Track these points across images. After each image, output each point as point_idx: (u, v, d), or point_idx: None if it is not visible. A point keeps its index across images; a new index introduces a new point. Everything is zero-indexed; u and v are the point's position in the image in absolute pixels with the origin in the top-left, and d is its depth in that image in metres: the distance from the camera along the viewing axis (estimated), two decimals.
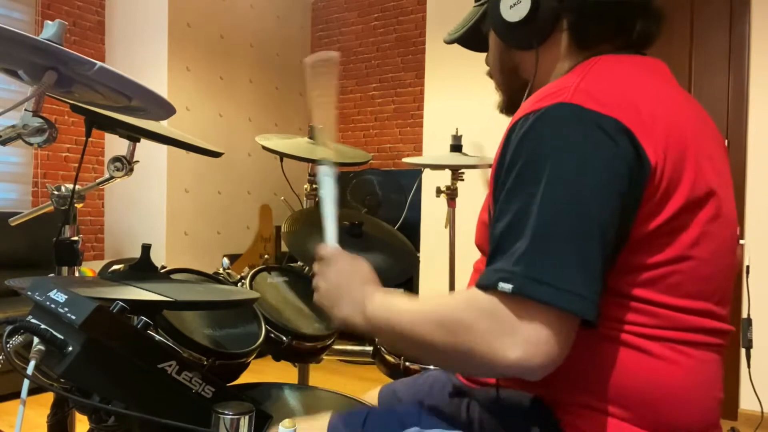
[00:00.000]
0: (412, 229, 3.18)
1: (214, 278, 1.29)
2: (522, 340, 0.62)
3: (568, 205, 0.64)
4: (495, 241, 0.68)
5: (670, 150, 0.68)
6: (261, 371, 1.41)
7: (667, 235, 0.69)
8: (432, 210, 3.48)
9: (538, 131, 0.67)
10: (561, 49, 0.82)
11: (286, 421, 0.72)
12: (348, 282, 0.85)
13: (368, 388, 1.14)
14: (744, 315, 2.40)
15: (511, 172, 0.68)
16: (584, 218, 0.64)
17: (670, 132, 0.69)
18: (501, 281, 0.63)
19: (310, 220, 1.63)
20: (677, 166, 0.68)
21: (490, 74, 0.96)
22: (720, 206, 0.73)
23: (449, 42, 1.00)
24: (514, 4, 0.81)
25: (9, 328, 0.67)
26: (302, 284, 1.49)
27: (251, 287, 1.34)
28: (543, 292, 0.62)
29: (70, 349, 0.65)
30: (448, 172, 2.16)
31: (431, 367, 1.29)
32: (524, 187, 0.66)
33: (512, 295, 0.63)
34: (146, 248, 1.02)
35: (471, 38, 0.97)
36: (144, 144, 1.21)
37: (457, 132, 2.11)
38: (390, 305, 0.77)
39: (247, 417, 0.70)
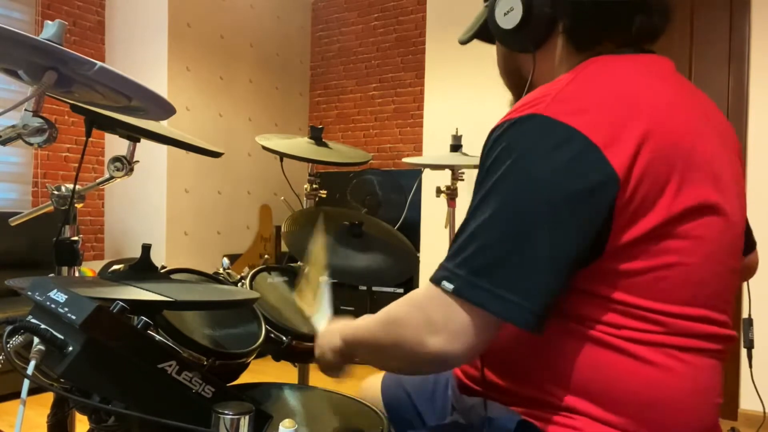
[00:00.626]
0: (412, 229, 3.17)
1: (214, 278, 1.29)
2: (446, 333, 0.68)
3: (517, 216, 0.67)
4: (453, 238, 0.73)
5: (650, 164, 0.67)
6: (261, 371, 1.41)
7: (649, 244, 0.68)
8: (432, 210, 3.48)
9: (506, 141, 0.70)
10: (558, 51, 0.82)
11: (286, 421, 0.72)
12: (328, 330, 0.96)
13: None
14: (745, 315, 2.40)
15: (479, 175, 0.72)
16: (531, 230, 0.66)
17: (653, 143, 0.68)
18: (444, 279, 0.69)
19: (310, 220, 1.63)
20: (657, 179, 0.67)
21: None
22: (719, 211, 0.72)
23: (463, 42, 1.00)
24: (508, 12, 0.82)
25: (9, 328, 0.67)
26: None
27: (251, 287, 1.34)
28: (479, 296, 0.66)
29: (70, 349, 0.65)
30: (448, 172, 2.16)
31: None
32: (482, 192, 0.70)
33: (451, 294, 0.68)
34: (146, 248, 1.02)
35: (483, 36, 0.97)
36: (144, 144, 1.21)
37: (457, 132, 2.11)
38: (357, 321, 0.86)
39: (247, 417, 0.70)
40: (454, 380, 0.93)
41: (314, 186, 1.87)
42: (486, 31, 0.94)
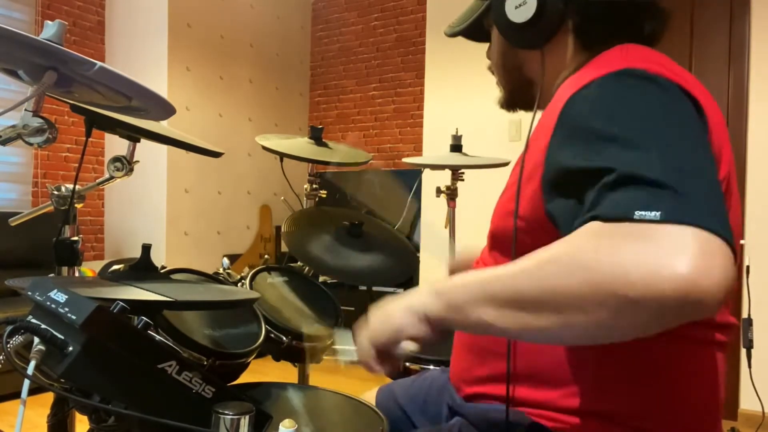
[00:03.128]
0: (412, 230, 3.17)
1: (214, 278, 1.29)
2: (689, 252, 0.48)
3: (685, 139, 0.58)
4: (590, 178, 0.57)
5: (715, 120, 0.67)
6: (261, 371, 1.41)
7: None
8: (432, 210, 3.48)
9: (619, 89, 0.63)
10: (566, 49, 0.81)
11: (286, 421, 0.72)
12: (396, 300, 0.71)
13: (368, 388, 1.14)
14: (744, 315, 2.40)
15: (599, 124, 0.61)
16: (706, 154, 0.58)
17: (713, 110, 0.69)
18: (639, 210, 0.51)
19: (310, 221, 1.63)
20: (722, 138, 0.68)
21: (491, 69, 0.95)
22: (733, 191, 0.72)
23: (451, 35, 0.98)
24: (520, 5, 0.80)
25: (9, 328, 0.67)
26: (302, 284, 1.49)
27: (251, 287, 1.34)
28: (697, 214, 0.51)
29: (70, 349, 0.65)
30: (448, 172, 2.16)
31: (431, 366, 1.29)
32: (627, 129, 0.58)
33: (659, 223, 0.51)
34: (146, 248, 1.02)
35: (473, 31, 0.95)
36: (144, 144, 1.21)
37: (457, 132, 2.11)
38: (465, 277, 0.64)
39: (247, 417, 0.70)
40: (451, 387, 0.92)
41: (314, 186, 1.87)
42: (474, 28, 0.93)
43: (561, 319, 0.54)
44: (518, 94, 0.89)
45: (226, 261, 1.42)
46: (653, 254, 0.49)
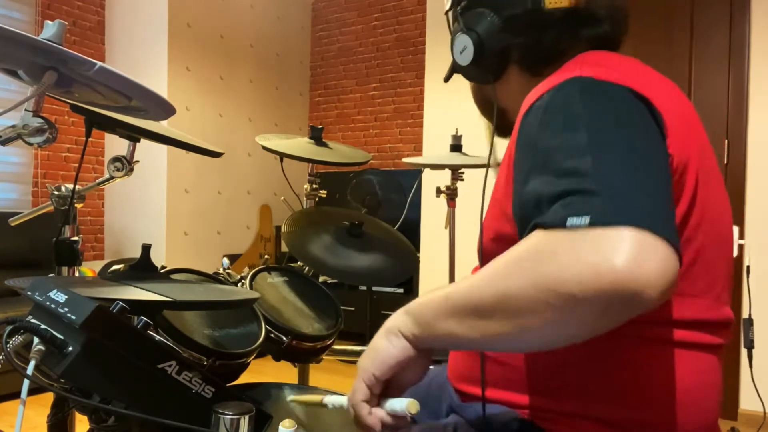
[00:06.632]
0: (412, 229, 3.18)
1: (214, 278, 1.29)
2: (622, 249, 0.51)
3: (623, 140, 0.60)
4: (535, 192, 0.61)
5: (681, 126, 0.68)
6: (261, 371, 1.41)
7: (683, 222, 0.68)
8: (432, 210, 3.48)
9: (562, 98, 0.66)
10: (518, 78, 0.86)
11: (286, 421, 0.73)
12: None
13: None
14: (745, 315, 2.40)
15: (542, 136, 0.64)
16: (642, 152, 0.60)
17: (678, 112, 0.69)
18: (571, 216, 0.54)
19: (310, 221, 1.63)
20: (688, 144, 0.68)
21: None
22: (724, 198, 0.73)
23: (446, 80, 1.04)
24: (463, 50, 0.86)
25: (9, 328, 0.67)
26: (302, 284, 1.49)
27: (251, 287, 1.34)
28: (622, 216, 0.53)
29: (70, 349, 0.65)
30: (448, 172, 2.16)
31: (431, 367, 1.29)
32: (564, 140, 0.61)
33: (588, 227, 0.53)
34: (146, 248, 1.02)
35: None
36: (144, 144, 1.21)
37: (457, 132, 2.11)
38: (434, 292, 0.66)
39: (247, 417, 0.70)
40: (450, 387, 0.92)
41: (314, 186, 1.87)
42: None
43: (516, 323, 0.57)
44: (499, 122, 0.93)
45: (226, 261, 1.42)
46: (589, 254, 0.52)
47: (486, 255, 0.79)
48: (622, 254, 0.51)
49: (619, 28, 0.83)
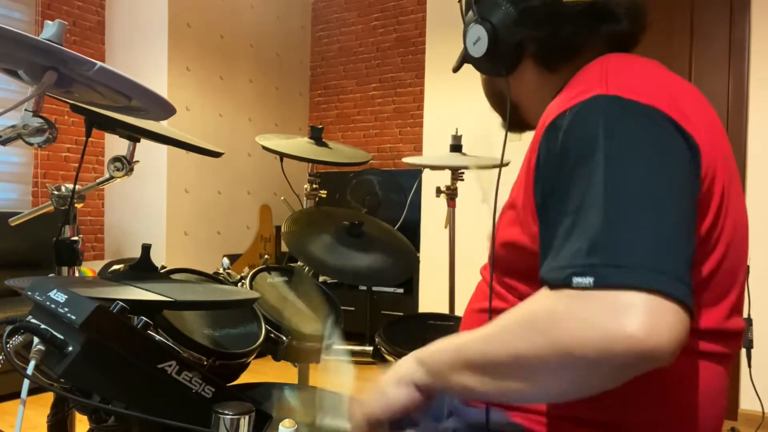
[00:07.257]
0: (412, 229, 3.18)
1: (214, 278, 1.29)
2: (633, 313, 0.51)
3: (639, 186, 0.58)
4: (546, 242, 0.61)
5: (708, 137, 0.66)
6: (261, 371, 1.41)
7: (710, 234, 0.67)
8: (432, 210, 3.48)
9: (584, 125, 0.63)
10: (532, 73, 0.83)
11: (286, 421, 0.73)
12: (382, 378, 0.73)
13: (368, 388, 1.14)
14: (745, 315, 2.40)
15: (562, 168, 0.63)
16: (660, 198, 0.58)
17: (704, 120, 0.68)
18: (575, 276, 0.55)
19: (310, 221, 1.64)
20: (714, 154, 0.67)
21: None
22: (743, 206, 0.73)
23: (454, 70, 1.02)
24: (476, 41, 0.83)
25: (9, 328, 0.67)
26: (302, 284, 1.49)
27: (251, 287, 1.34)
28: (628, 277, 0.53)
29: (70, 349, 0.65)
30: (448, 172, 2.16)
31: None
32: (579, 186, 0.60)
33: (593, 289, 0.54)
34: (146, 248, 1.02)
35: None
36: (144, 144, 1.21)
37: (457, 132, 2.11)
38: (445, 341, 0.66)
39: (247, 417, 0.70)
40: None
41: (314, 186, 1.87)
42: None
43: (534, 383, 0.58)
44: (511, 117, 0.90)
45: (226, 261, 1.42)
46: (600, 318, 0.52)
47: (497, 261, 0.78)
48: (634, 319, 0.51)
49: (638, 26, 0.80)
